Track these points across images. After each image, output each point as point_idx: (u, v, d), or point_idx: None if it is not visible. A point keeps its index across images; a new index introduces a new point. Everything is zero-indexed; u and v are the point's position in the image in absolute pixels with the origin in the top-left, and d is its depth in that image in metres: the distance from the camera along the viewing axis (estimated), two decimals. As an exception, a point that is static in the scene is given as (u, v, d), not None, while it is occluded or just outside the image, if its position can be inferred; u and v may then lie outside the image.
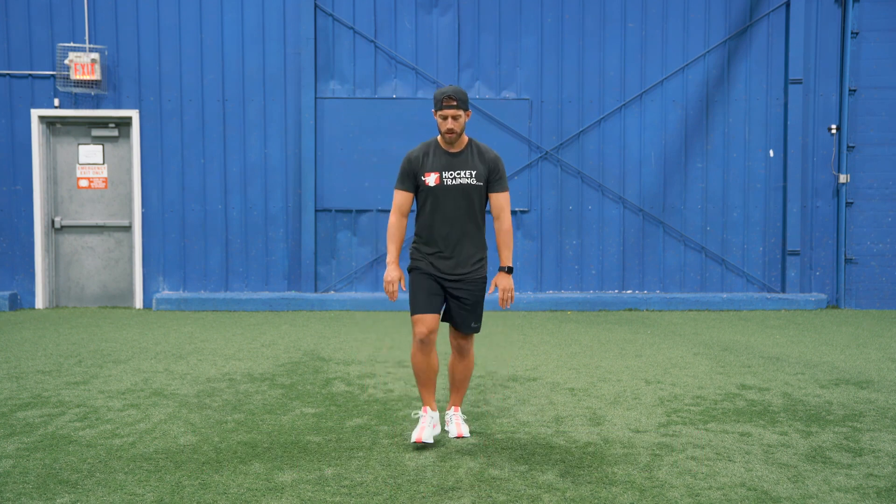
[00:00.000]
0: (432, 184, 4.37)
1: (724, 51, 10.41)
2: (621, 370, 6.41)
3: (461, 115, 4.32)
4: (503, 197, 4.47)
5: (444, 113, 4.30)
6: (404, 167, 4.44)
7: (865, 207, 10.42)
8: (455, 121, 4.31)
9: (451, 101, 4.28)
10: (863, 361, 6.80)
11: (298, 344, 7.59)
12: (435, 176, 4.38)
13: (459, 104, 4.30)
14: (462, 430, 4.55)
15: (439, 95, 4.31)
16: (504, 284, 4.46)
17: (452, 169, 4.39)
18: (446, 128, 4.32)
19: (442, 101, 4.29)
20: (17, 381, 5.93)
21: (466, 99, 4.35)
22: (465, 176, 4.39)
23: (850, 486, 3.80)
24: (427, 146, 4.46)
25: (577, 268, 10.45)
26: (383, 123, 10.27)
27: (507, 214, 4.47)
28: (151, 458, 4.15)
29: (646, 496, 3.66)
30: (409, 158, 4.43)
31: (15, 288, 10.17)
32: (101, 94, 10.09)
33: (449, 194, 4.38)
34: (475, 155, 4.44)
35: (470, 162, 4.42)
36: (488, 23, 10.34)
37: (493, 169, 4.44)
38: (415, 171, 4.41)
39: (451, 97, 4.28)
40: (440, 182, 4.37)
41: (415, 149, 4.48)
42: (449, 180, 4.38)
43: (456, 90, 4.31)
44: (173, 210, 10.26)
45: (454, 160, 4.41)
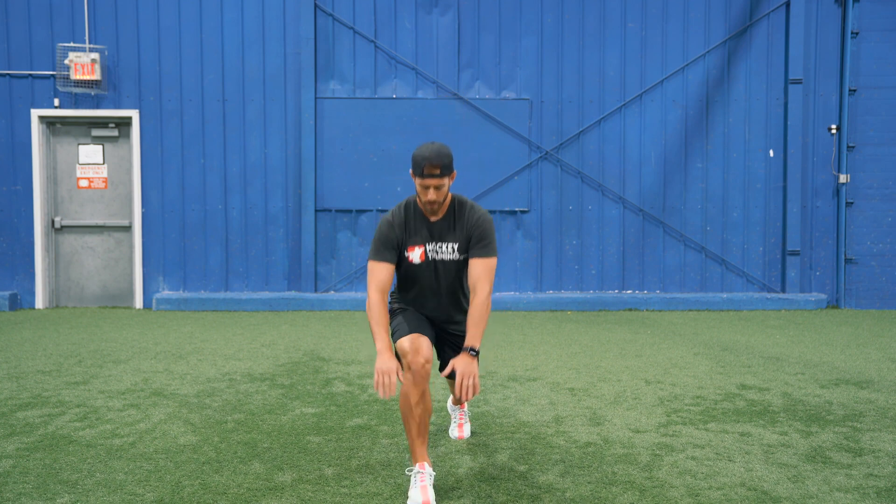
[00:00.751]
0: (417, 260, 3.78)
1: (724, 51, 10.41)
2: (621, 370, 6.41)
3: (445, 182, 3.61)
4: (482, 264, 3.70)
5: (426, 182, 3.58)
6: (385, 234, 3.73)
7: (865, 207, 10.42)
8: (438, 190, 3.61)
9: (434, 168, 3.55)
10: (863, 361, 6.80)
11: (298, 344, 7.59)
12: (419, 252, 3.77)
13: (443, 171, 3.57)
14: (464, 432, 4.49)
15: (419, 160, 3.57)
16: (464, 368, 3.51)
17: (434, 241, 3.77)
18: (427, 198, 3.63)
19: (423, 168, 3.56)
20: (17, 381, 5.93)
21: (451, 161, 3.62)
22: (447, 251, 3.78)
23: (850, 486, 3.80)
24: (406, 211, 3.78)
25: (577, 268, 10.45)
26: (383, 123, 10.27)
27: (484, 285, 3.66)
28: (151, 458, 4.15)
29: (646, 496, 3.66)
30: (392, 225, 3.74)
31: (15, 288, 10.17)
32: (101, 94, 10.09)
33: (432, 271, 3.82)
34: (456, 221, 3.77)
35: (451, 233, 3.77)
36: (488, 23, 10.34)
37: (474, 234, 3.74)
38: (399, 240, 3.75)
39: (434, 164, 3.54)
40: (424, 258, 3.78)
41: (393, 214, 3.77)
42: (432, 254, 3.78)
43: (439, 153, 3.57)
44: (173, 210, 10.26)
45: (435, 230, 3.77)
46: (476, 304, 3.63)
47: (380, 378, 3.46)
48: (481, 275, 3.68)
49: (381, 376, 3.46)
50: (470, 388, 3.50)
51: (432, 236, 3.77)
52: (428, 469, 3.64)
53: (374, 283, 3.68)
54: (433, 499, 3.54)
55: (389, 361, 3.49)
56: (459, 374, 3.51)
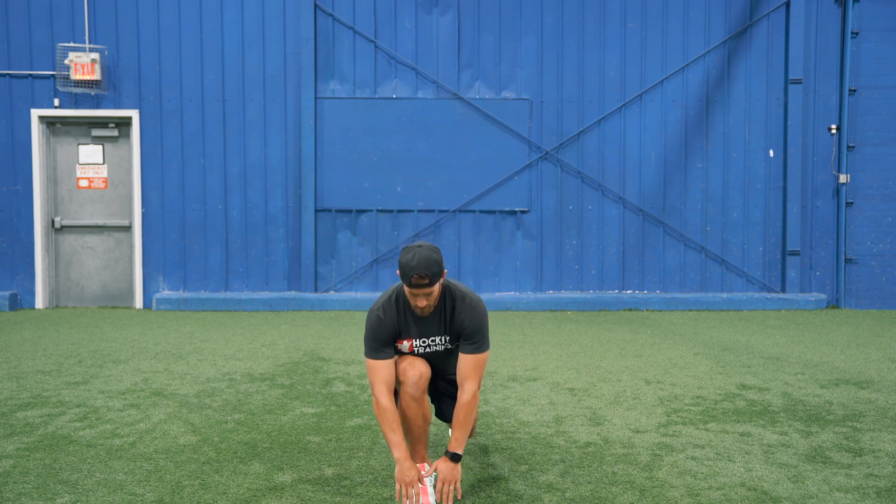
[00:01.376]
0: (406, 350, 3.69)
1: (724, 51, 10.41)
2: (621, 370, 6.41)
3: (434, 290, 3.48)
4: (472, 360, 3.55)
5: (415, 292, 3.46)
6: (380, 332, 3.57)
7: (865, 207, 10.42)
8: (427, 297, 3.49)
9: (423, 279, 3.40)
10: (863, 361, 6.80)
11: (298, 344, 7.59)
12: (408, 344, 3.66)
13: (432, 280, 3.42)
14: None
15: (407, 270, 3.40)
16: (446, 474, 3.42)
17: (425, 336, 3.67)
18: (416, 305, 3.51)
19: (411, 279, 3.41)
20: (17, 381, 5.93)
21: (440, 267, 3.45)
22: (438, 342, 3.69)
23: (850, 486, 3.80)
24: (395, 305, 3.62)
25: (577, 268, 10.45)
26: (383, 123, 10.27)
27: (472, 383, 3.54)
28: (151, 458, 4.15)
29: (646, 496, 3.66)
30: (383, 323, 3.58)
31: (15, 288, 10.17)
32: (101, 94, 10.09)
33: (423, 356, 3.74)
34: (448, 316, 3.64)
35: (441, 327, 3.66)
36: (488, 23, 10.33)
37: (464, 332, 3.60)
38: (393, 335, 3.61)
39: (422, 275, 3.39)
40: (412, 350, 3.69)
41: (382, 309, 3.61)
42: (421, 348, 3.69)
43: (427, 263, 3.39)
44: (173, 210, 10.26)
45: (426, 326, 3.65)
46: (462, 404, 3.53)
47: (402, 489, 3.38)
48: (470, 372, 3.56)
49: (405, 488, 3.38)
50: (451, 493, 3.45)
51: (422, 332, 3.66)
52: (429, 470, 3.65)
53: (379, 383, 3.53)
54: (433, 500, 3.53)
55: (410, 471, 3.39)
56: (441, 480, 3.44)
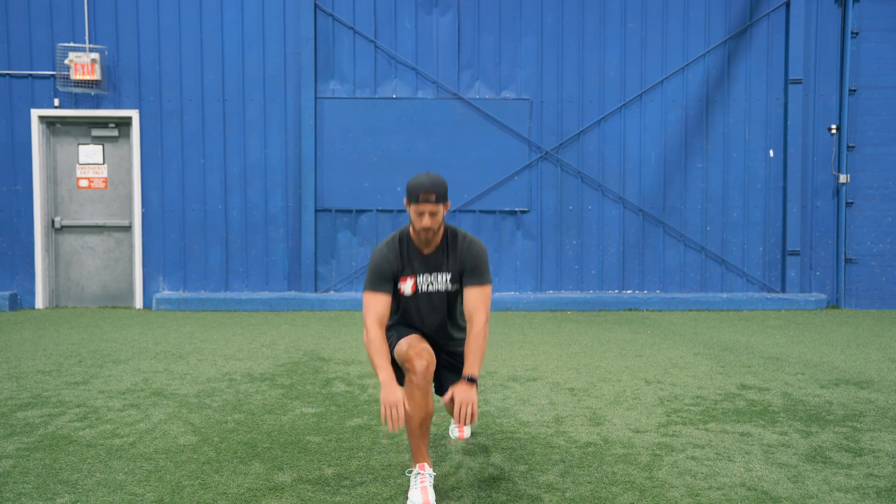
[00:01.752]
0: (408, 292, 3.80)
1: (724, 51, 10.41)
2: (621, 370, 6.41)
3: (440, 209, 3.63)
4: (477, 292, 3.71)
5: (421, 208, 3.61)
6: (381, 266, 3.73)
7: (865, 207, 10.42)
8: (433, 217, 3.62)
9: (430, 194, 3.59)
10: (863, 361, 6.80)
11: (298, 344, 7.59)
12: (411, 283, 3.79)
13: (438, 198, 3.61)
14: (464, 432, 4.39)
15: (415, 188, 3.62)
16: (463, 396, 3.52)
17: (427, 272, 3.78)
18: (422, 225, 3.63)
19: (418, 195, 3.60)
20: (17, 381, 5.93)
21: (446, 191, 3.67)
22: (441, 281, 3.80)
23: (850, 486, 3.80)
24: (399, 243, 3.80)
25: (577, 268, 10.45)
26: (383, 123, 10.27)
27: (481, 314, 3.69)
28: (151, 458, 4.15)
29: (646, 496, 3.66)
30: (386, 258, 3.75)
31: (15, 288, 10.17)
32: (101, 94, 10.09)
33: (424, 302, 3.83)
34: (449, 252, 3.79)
35: (445, 263, 3.79)
36: (488, 23, 10.34)
37: (467, 265, 3.76)
38: (394, 271, 3.75)
39: (430, 190, 3.59)
40: (416, 290, 3.80)
41: (386, 245, 3.80)
42: (424, 286, 3.79)
43: (434, 181, 3.62)
44: (173, 210, 10.26)
45: (429, 261, 3.78)
46: (474, 334, 3.64)
47: (387, 410, 3.44)
48: (478, 303, 3.69)
49: (389, 409, 3.43)
50: (468, 415, 3.50)
51: (425, 268, 3.77)
52: (428, 470, 3.63)
53: (371, 315, 3.67)
54: (433, 499, 3.54)
55: (395, 393, 3.45)
56: (458, 402, 3.51)
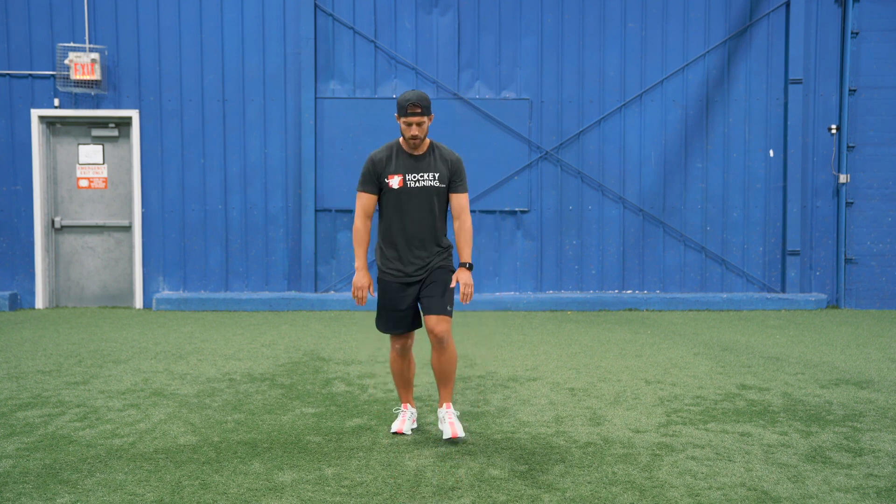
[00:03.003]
0: (396, 186, 4.44)
1: (724, 51, 10.41)
2: (621, 370, 6.41)
3: (425, 120, 4.38)
4: (464, 198, 4.55)
5: (409, 120, 4.35)
6: (368, 168, 4.48)
7: (865, 207, 10.42)
8: (419, 127, 4.37)
9: (416, 108, 4.33)
10: (863, 361, 6.80)
11: (298, 344, 7.59)
12: (398, 178, 4.44)
13: (423, 111, 4.36)
14: (456, 430, 4.44)
15: (403, 102, 4.36)
16: (465, 279, 4.46)
17: (416, 171, 4.45)
18: (410, 134, 4.38)
19: (406, 108, 4.34)
20: (17, 381, 5.93)
21: (429, 105, 4.41)
22: (427, 178, 4.46)
23: (850, 486, 3.80)
24: (390, 148, 4.51)
25: (577, 268, 10.45)
26: (383, 123, 10.26)
27: (467, 214, 4.56)
28: (151, 458, 4.15)
29: (646, 496, 3.66)
30: (373, 160, 4.47)
31: (15, 288, 10.17)
32: (101, 94, 10.09)
33: (412, 197, 4.45)
34: (437, 157, 4.51)
35: (432, 164, 4.49)
36: (488, 23, 10.33)
37: (454, 171, 4.52)
38: (378, 172, 4.46)
39: (416, 104, 4.33)
40: (403, 185, 4.44)
41: (377, 150, 4.53)
42: (412, 183, 4.44)
43: (420, 97, 4.36)
44: (173, 210, 10.26)
45: (417, 163, 4.47)
46: (465, 230, 4.54)
47: (356, 292, 4.51)
48: (464, 206, 4.55)
49: (357, 290, 4.51)
50: (468, 294, 4.44)
51: (414, 168, 4.46)
52: (410, 409, 4.67)
53: (359, 209, 4.51)
54: (406, 429, 4.58)
55: (364, 279, 4.51)
56: (462, 285, 4.44)
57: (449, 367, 4.53)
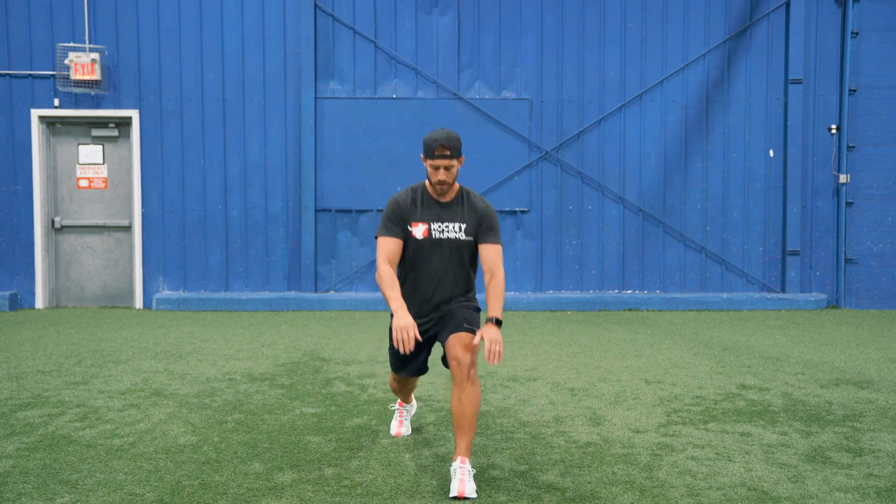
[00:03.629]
0: (420, 236, 3.99)
1: (724, 51, 10.41)
2: (621, 370, 6.41)
3: (454, 164, 3.91)
4: (495, 250, 3.99)
5: (437, 163, 3.88)
6: (393, 211, 4.00)
7: (865, 207, 10.42)
8: (447, 171, 3.91)
9: (445, 149, 3.86)
10: (863, 361, 6.80)
11: (298, 344, 7.59)
12: (423, 228, 3.99)
13: (453, 153, 3.88)
14: (465, 489, 3.64)
15: (431, 143, 3.88)
16: (492, 335, 3.75)
17: (441, 220, 4.00)
18: (438, 178, 3.92)
19: (434, 150, 3.87)
20: (17, 381, 5.93)
21: (460, 145, 3.94)
22: (453, 230, 4.00)
23: (850, 486, 3.80)
24: (414, 192, 4.05)
25: (577, 268, 10.45)
26: (383, 123, 10.27)
27: (500, 267, 3.97)
28: (151, 458, 4.15)
29: (646, 496, 3.66)
30: (398, 203, 4.01)
31: (15, 288, 10.17)
32: (101, 94, 10.09)
33: (436, 249, 4.00)
34: (465, 206, 4.03)
35: (459, 214, 4.02)
36: (488, 23, 10.33)
37: (484, 221, 4.01)
38: (404, 217, 4.00)
39: (444, 145, 3.86)
40: (428, 235, 3.99)
41: (401, 193, 4.06)
42: (437, 233, 3.99)
43: (449, 136, 3.89)
44: (173, 210, 10.26)
45: (443, 211, 4.01)
46: (496, 282, 3.92)
47: (398, 335, 3.73)
48: (496, 259, 3.99)
49: (400, 332, 3.73)
50: (496, 353, 3.72)
51: (439, 216, 4.01)
52: (406, 406, 4.62)
53: (382, 255, 3.97)
54: (405, 431, 4.53)
55: (406, 318, 3.75)
56: (488, 342, 3.72)
57: (471, 407, 3.77)
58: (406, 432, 4.53)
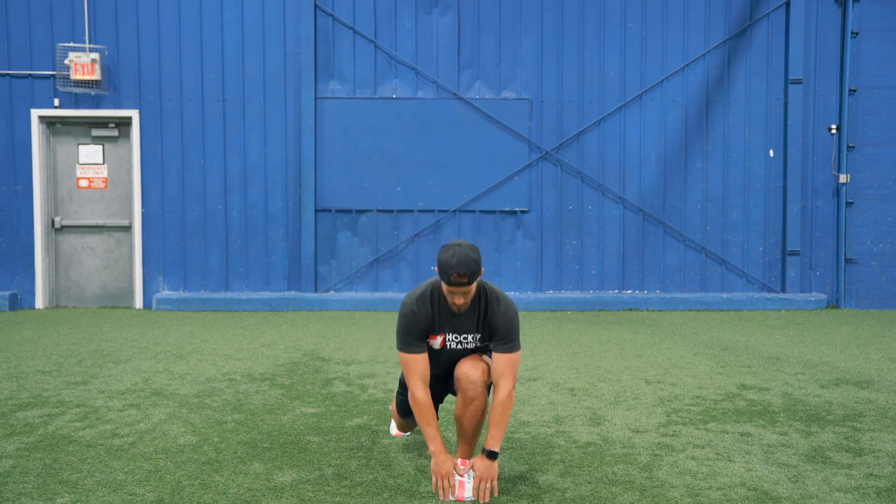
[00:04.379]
0: (437, 347, 3.77)
1: (724, 51, 10.41)
2: (621, 370, 6.41)
3: (472, 289, 3.61)
4: (506, 360, 3.66)
5: (454, 290, 3.57)
6: (413, 324, 3.69)
7: (865, 207, 10.42)
8: (465, 296, 3.61)
9: (462, 278, 3.51)
10: (863, 361, 6.80)
11: (298, 344, 7.59)
12: (440, 339, 3.76)
13: (471, 279, 3.53)
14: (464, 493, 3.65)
15: (447, 269, 3.52)
16: (483, 471, 3.54)
17: (457, 332, 3.77)
18: (454, 302, 3.63)
19: (451, 277, 3.52)
20: (17, 381, 5.93)
21: (479, 268, 3.54)
22: (470, 340, 3.79)
23: (850, 486, 3.80)
24: (430, 299, 3.72)
25: (577, 268, 10.45)
26: (383, 123, 10.27)
27: (508, 381, 3.65)
28: (151, 458, 4.15)
29: (646, 496, 3.66)
30: (416, 316, 3.69)
31: (15, 288, 10.17)
32: (101, 94, 10.09)
33: (451, 354, 3.81)
34: (482, 314, 3.74)
35: (476, 324, 3.76)
36: (488, 23, 10.34)
37: (500, 328, 3.70)
38: (427, 330, 3.72)
39: (462, 274, 3.50)
40: (444, 346, 3.78)
41: (417, 302, 3.71)
42: (453, 344, 3.78)
43: (467, 262, 3.49)
44: (173, 210, 10.26)
45: (459, 322, 3.76)
46: (498, 403, 3.63)
47: (438, 481, 3.60)
48: (506, 370, 3.66)
49: (440, 480, 3.59)
50: (488, 490, 3.55)
51: (455, 327, 3.76)
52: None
53: (414, 375, 3.67)
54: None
55: (445, 464, 3.58)
56: (478, 478, 3.57)
57: (476, 421, 3.74)
58: (406, 432, 4.48)
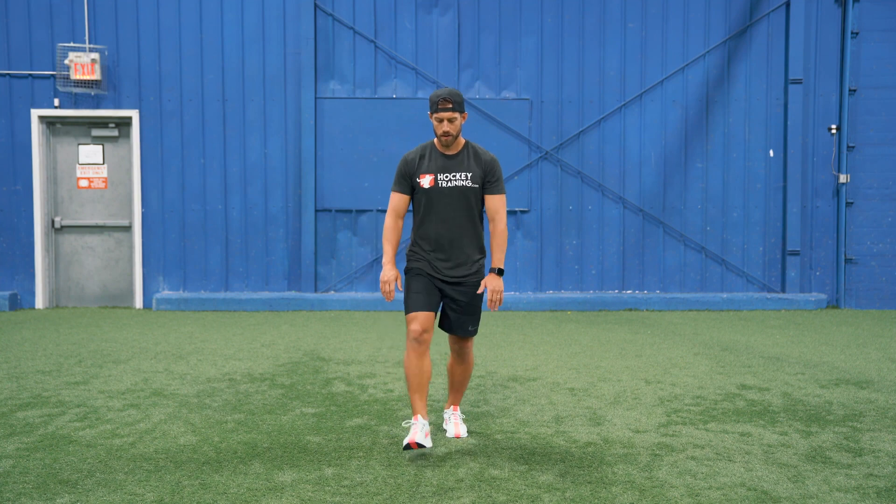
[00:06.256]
0: (427, 186, 4.38)
1: (724, 51, 10.41)
2: (621, 370, 6.41)
3: (457, 117, 4.33)
4: (498, 199, 4.46)
5: (440, 115, 4.31)
6: (400, 169, 4.46)
7: (865, 207, 10.42)
8: (451, 123, 4.32)
9: (447, 103, 4.30)
10: (863, 361, 6.80)
11: (298, 344, 7.59)
12: (430, 178, 4.38)
13: (455, 107, 4.32)
14: (460, 431, 4.59)
15: (434, 98, 4.34)
16: (494, 285, 4.41)
17: (448, 171, 4.39)
18: (442, 130, 4.33)
19: (437, 104, 4.31)
20: (17, 381, 5.93)
21: (462, 101, 4.38)
22: (460, 178, 4.38)
23: (850, 486, 3.80)
24: (424, 148, 4.47)
25: (577, 268, 10.45)
26: (383, 123, 10.27)
27: (501, 217, 4.47)
28: (151, 458, 4.15)
29: (646, 496, 3.66)
30: (406, 160, 4.45)
31: (15, 288, 10.17)
32: (101, 94, 10.09)
33: (444, 196, 4.38)
34: (471, 157, 4.43)
35: (465, 164, 4.41)
36: (488, 23, 10.34)
37: (488, 171, 4.42)
38: (411, 172, 4.42)
39: (447, 100, 4.30)
40: (434, 184, 4.37)
41: (411, 151, 4.50)
42: (444, 182, 4.37)
43: (451, 92, 4.33)
44: (173, 210, 10.26)
45: (450, 162, 4.41)
46: (498, 233, 4.47)
47: (383, 286, 4.39)
48: (499, 207, 4.47)
49: (384, 284, 4.39)
50: (496, 301, 4.42)
51: (445, 167, 4.40)
52: (421, 420, 4.21)
53: (390, 208, 4.49)
54: (419, 439, 4.09)
55: (391, 272, 4.39)
56: (490, 290, 4.39)
57: (465, 375, 4.62)
58: (420, 440, 4.09)
